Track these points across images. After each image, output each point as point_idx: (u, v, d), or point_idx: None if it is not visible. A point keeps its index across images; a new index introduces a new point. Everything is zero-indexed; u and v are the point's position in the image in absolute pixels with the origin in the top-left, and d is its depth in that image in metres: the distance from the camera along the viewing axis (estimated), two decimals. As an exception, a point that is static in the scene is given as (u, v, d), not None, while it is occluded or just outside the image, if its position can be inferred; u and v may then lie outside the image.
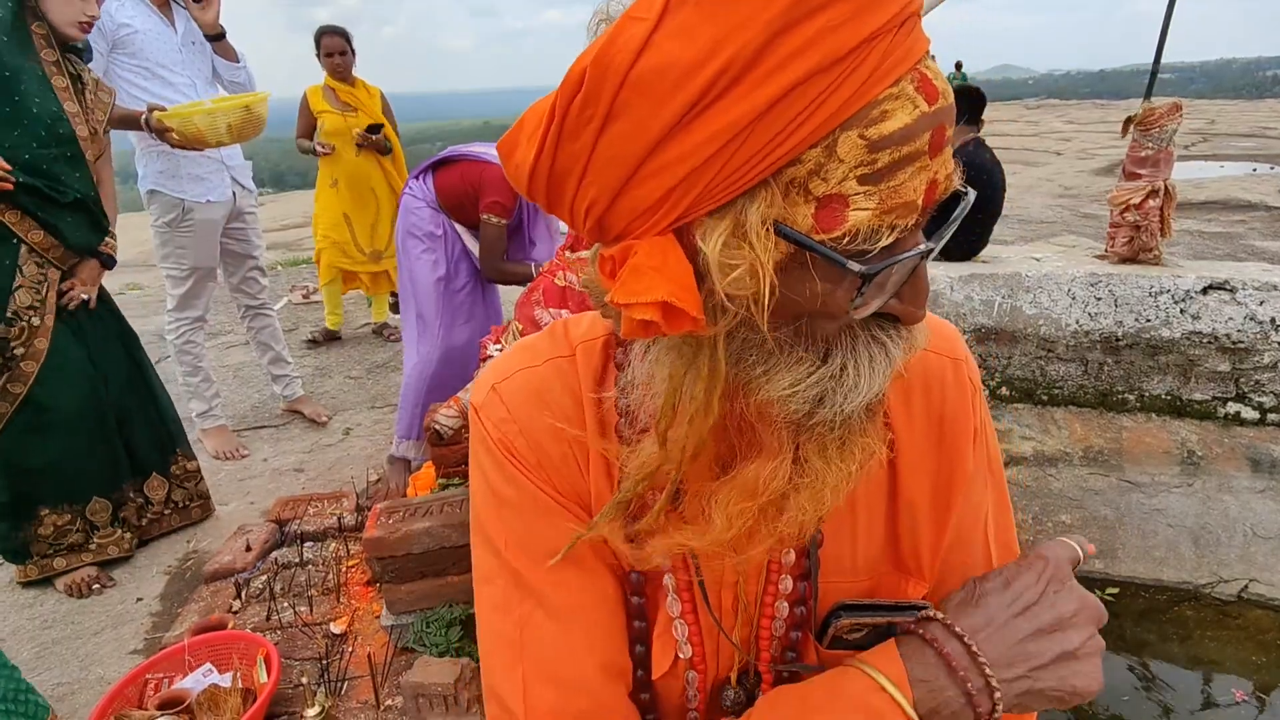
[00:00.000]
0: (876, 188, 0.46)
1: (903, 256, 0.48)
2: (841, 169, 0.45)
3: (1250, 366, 3.26)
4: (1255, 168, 10.76)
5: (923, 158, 0.47)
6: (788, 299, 0.50)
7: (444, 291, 2.91)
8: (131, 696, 1.92)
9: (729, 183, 0.46)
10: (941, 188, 0.49)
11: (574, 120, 0.47)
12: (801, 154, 0.45)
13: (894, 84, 0.45)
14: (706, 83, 0.43)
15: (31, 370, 2.28)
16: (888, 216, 0.46)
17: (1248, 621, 2.82)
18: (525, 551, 0.66)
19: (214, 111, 2.69)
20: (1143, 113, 3.33)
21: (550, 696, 0.63)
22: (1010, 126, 18.46)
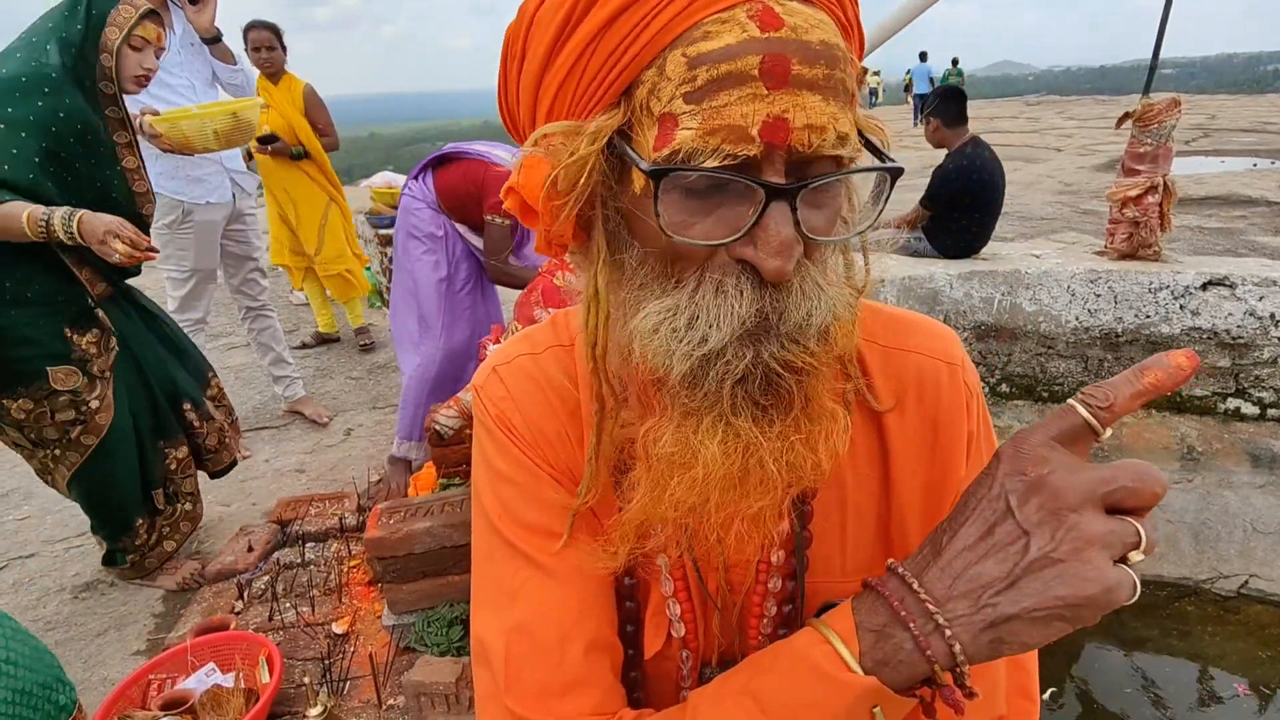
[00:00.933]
0: (699, 107, 0.48)
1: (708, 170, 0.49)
2: (669, 87, 0.49)
3: (1250, 362, 3.26)
4: (1256, 163, 10.72)
5: (752, 83, 0.47)
6: (647, 228, 0.54)
7: (445, 292, 2.91)
8: (135, 697, 1.93)
9: (588, 98, 0.53)
10: (801, 135, 0.48)
11: (510, 61, 0.59)
12: (639, 75, 0.51)
13: (724, 10, 0.49)
14: (566, 12, 0.52)
15: (105, 423, 2.29)
16: (712, 138, 0.48)
17: (1248, 617, 2.83)
18: (519, 523, 0.68)
19: (201, 117, 2.67)
20: (1141, 108, 3.33)
21: (537, 668, 0.64)
22: (1010, 123, 18.43)
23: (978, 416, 0.70)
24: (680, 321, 0.52)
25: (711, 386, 0.53)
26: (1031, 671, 0.73)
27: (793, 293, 0.52)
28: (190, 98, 3.09)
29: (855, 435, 0.68)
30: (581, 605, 0.66)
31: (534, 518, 0.68)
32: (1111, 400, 0.47)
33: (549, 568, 0.66)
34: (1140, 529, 0.45)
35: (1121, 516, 0.45)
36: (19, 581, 2.68)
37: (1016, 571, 0.46)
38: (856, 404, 0.69)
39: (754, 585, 0.69)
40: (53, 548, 2.88)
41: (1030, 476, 0.47)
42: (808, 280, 0.53)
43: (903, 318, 0.73)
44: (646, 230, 0.54)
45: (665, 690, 0.74)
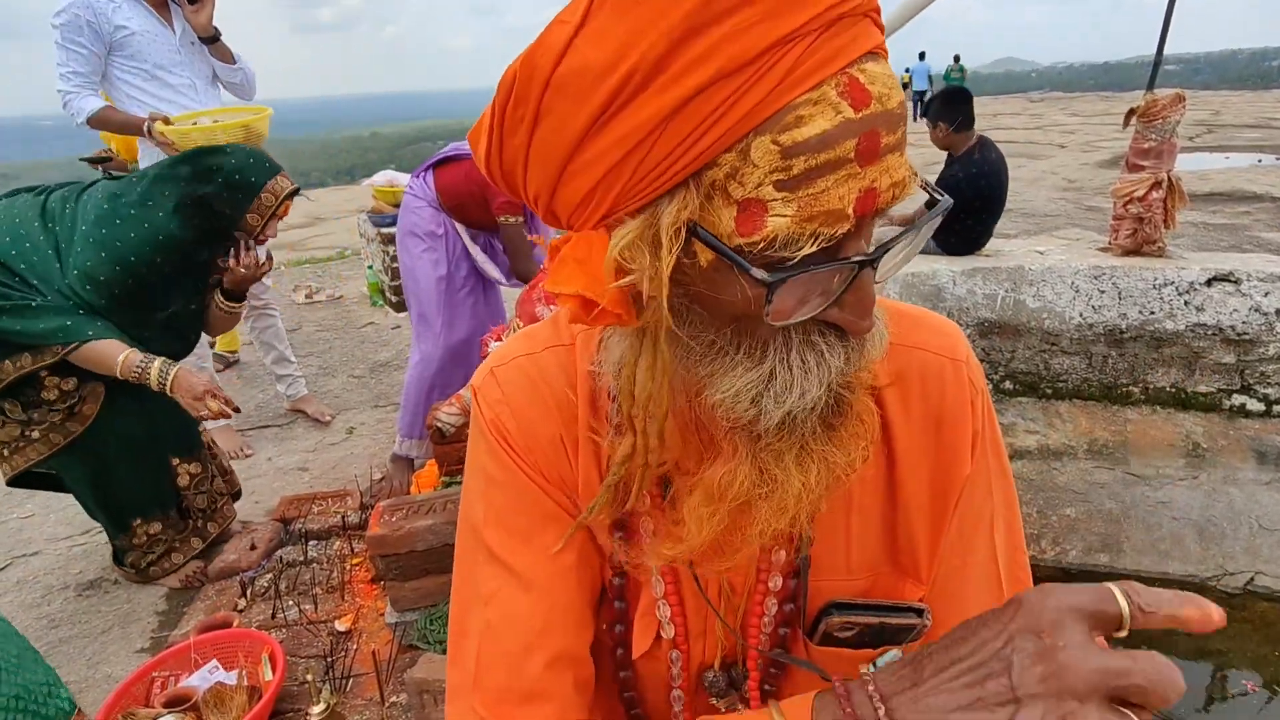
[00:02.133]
0: (794, 195, 0.45)
1: (818, 267, 0.47)
2: (757, 174, 0.45)
3: (1255, 358, 3.24)
4: (1261, 159, 10.68)
5: (849, 165, 0.45)
6: (719, 301, 0.51)
7: (445, 290, 2.91)
8: (138, 695, 1.93)
9: (646, 183, 0.47)
10: (886, 196, 0.48)
11: (510, 120, 0.50)
12: (716, 158, 0.46)
13: (813, 88, 0.44)
14: (616, 85, 0.45)
15: (90, 412, 2.30)
16: (809, 224, 0.46)
17: (1254, 614, 2.81)
18: (503, 529, 0.68)
19: (213, 131, 2.66)
20: (1145, 104, 3.31)
21: (500, 674, 0.65)
22: (1014, 120, 18.38)
23: (983, 414, 0.69)
24: (779, 385, 0.53)
25: (800, 425, 0.54)
26: None
27: (871, 338, 0.55)
28: (192, 96, 3.08)
29: None
30: (549, 618, 0.66)
31: (518, 524, 0.68)
32: (1155, 610, 0.43)
33: (525, 577, 0.66)
34: None
35: (1123, 710, 0.41)
36: (23, 579, 2.69)
37: None
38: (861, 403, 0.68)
39: (755, 584, 0.69)
40: (56, 546, 2.88)
41: (1045, 642, 0.43)
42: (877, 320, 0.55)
43: (908, 313, 0.72)
44: (716, 302, 0.52)
45: (657, 690, 0.74)
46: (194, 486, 2.60)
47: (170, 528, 2.54)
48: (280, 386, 3.92)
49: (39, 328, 2.10)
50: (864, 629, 0.66)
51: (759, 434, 0.54)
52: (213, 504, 2.68)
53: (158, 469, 2.49)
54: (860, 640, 0.67)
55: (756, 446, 0.55)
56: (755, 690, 0.71)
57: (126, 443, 2.39)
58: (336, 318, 5.59)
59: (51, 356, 2.13)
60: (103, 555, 2.76)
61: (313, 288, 6.11)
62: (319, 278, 6.60)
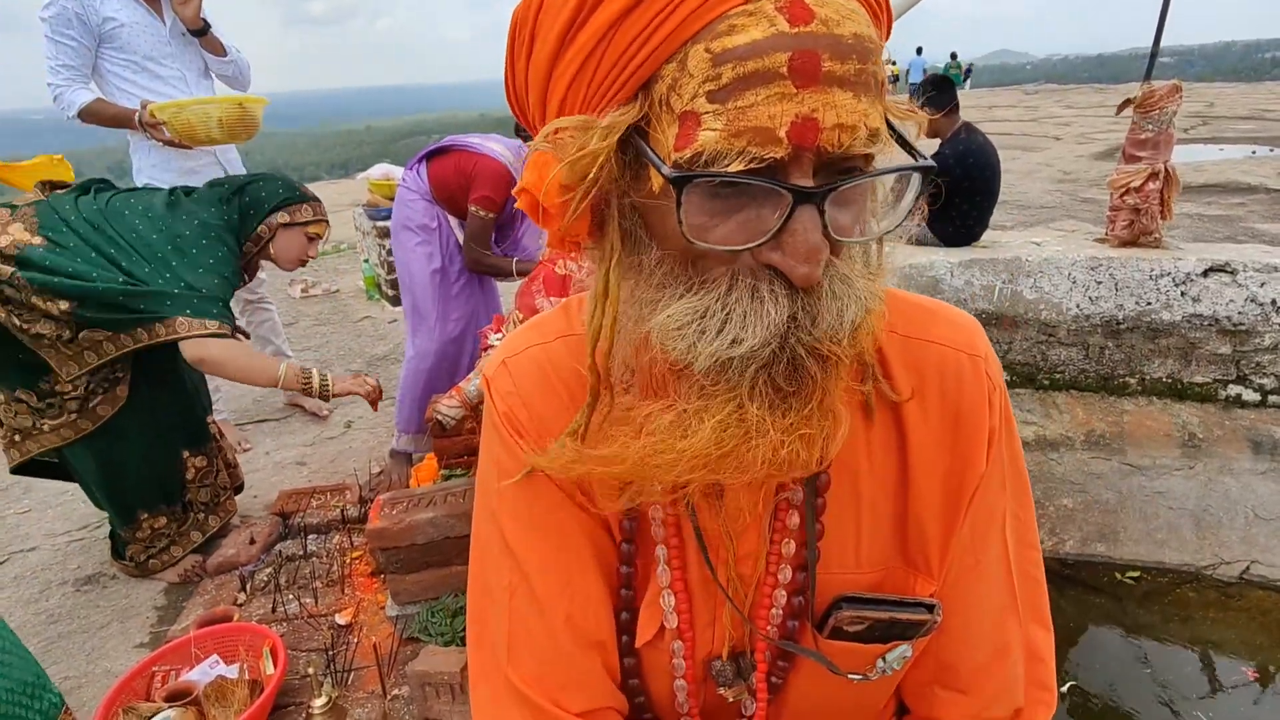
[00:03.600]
0: (724, 107, 0.46)
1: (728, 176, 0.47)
2: (692, 84, 0.47)
3: (1251, 349, 3.26)
4: (1255, 150, 10.71)
5: (780, 82, 0.45)
6: (667, 229, 0.52)
7: (439, 284, 2.90)
8: (139, 689, 1.93)
9: (603, 91, 0.51)
10: (831, 134, 0.46)
11: (517, 48, 0.56)
12: (659, 69, 0.49)
13: (752, 1, 0.46)
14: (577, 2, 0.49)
15: (105, 414, 2.32)
16: (737, 140, 0.46)
17: (1249, 603, 2.83)
18: (519, 520, 0.68)
19: (206, 104, 2.65)
20: (1142, 94, 3.32)
21: (531, 659, 0.65)
22: (1009, 112, 18.37)
23: (1000, 411, 0.68)
24: (711, 324, 0.51)
25: (735, 375, 0.51)
26: (1048, 662, 0.73)
27: (823, 296, 0.51)
28: (182, 88, 3.05)
29: (873, 426, 0.67)
30: (570, 607, 0.67)
31: (534, 515, 0.68)
32: None
33: (543, 567, 0.67)
34: None
35: None
36: (20, 575, 2.68)
37: None
38: (874, 394, 0.67)
39: (764, 576, 0.68)
40: (54, 541, 2.87)
41: None
42: (836, 280, 0.51)
43: (924, 306, 0.71)
44: (665, 229, 0.53)
45: (660, 679, 0.74)
46: (199, 480, 2.60)
47: (173, 521, 2.54)
48: (277, 381, 3.90)
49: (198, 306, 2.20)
50: (874, 624, 0.66)
51: (693, 376, 0.53)
52: (215, 498, 2.68)
53: (168, 462, 2.50)
54: (870, 635, 0.66)
55: (684, 387, 0.54)
56: (762, 682, 0.71)
57: (140, 437, 2.40)
58: (333, 312, 5.57)
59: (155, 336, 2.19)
60: (101, 550, 2.75)
61: (309, 282, 6.09)
62: (315, 272, 6.57)
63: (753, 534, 0.68)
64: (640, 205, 0.54)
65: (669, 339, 0.52)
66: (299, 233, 2.47)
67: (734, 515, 0.67)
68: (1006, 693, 0.69)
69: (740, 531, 0.67)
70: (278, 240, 2.44)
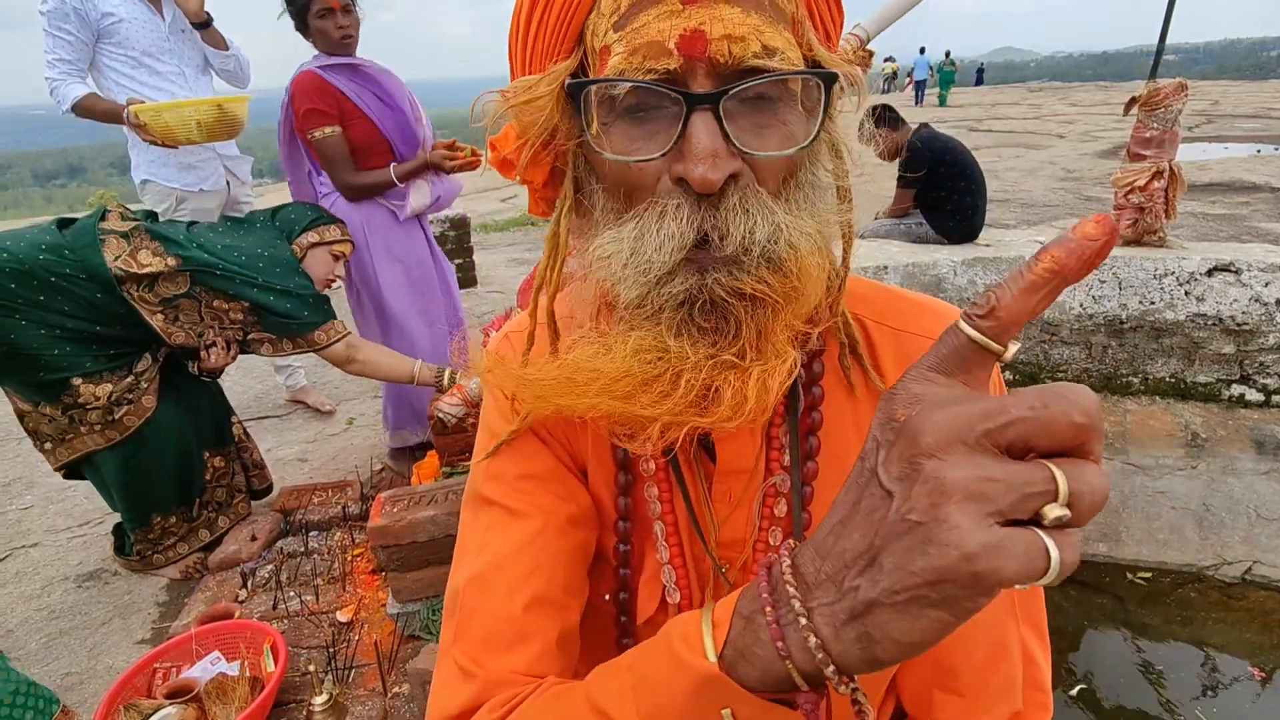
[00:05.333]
0: (624, 33, 0.51)
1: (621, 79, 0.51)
2: (604, 22, 0.53)
3: (1255, 348, 3.25)
4: (1260, 149, 10.68)
5: (668, 1, 0.50)
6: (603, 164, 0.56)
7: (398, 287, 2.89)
8: (140, 686, 1.93)
9: (547, 49, 0.57)
10: (720, 45, 0.50)
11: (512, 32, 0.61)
12: (585, 20, 0.55)
13: None
14: None
15: (132, 424, 2.35)
16: (634, 57, 0.50)
17: (1251, 603, 2.83)
18: (503, 481, 0.71)
19: (183, 108, 2.64)
20: (1147, 92, 3.30)
21: (484, 618, 0.66)
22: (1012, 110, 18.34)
23: None
24: (626, 248, 0.54)
25: (654, 307, 0.54)
26: (1044, 666, 0.73)
27: (732, 209, 0.52)
28: (180, 84, 3.03)
29: (864, 418, 0.68)
30: (538, 561, 0.67)
31: (520, 473, 0.70)
32: (995, 304, 0.35)
33: (519, 516, 0.68)
34: (1057, 475, 0.32)
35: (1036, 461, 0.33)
36: (22, 571, 2.68)
37: (876, 542, 0.36)
38: (865, 386, 0.68)
39: (750, 564, 0.69)
40: (56, 537, 2.88)
41: (899, 422, 0.37)
42: (749, 198, 0.52)
43: (915, 301, 0.72)
44: (602, 163, 0.56)
45: None
46: (215, 480, 2.63)
47: (184, 520, 2.55)
48: (279, 377, 3.91)
49: None
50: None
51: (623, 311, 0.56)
52: (229, 499, 2.69)
53: (190, 467, 2.53)
54: None
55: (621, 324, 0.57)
56: None
57: (168, 444, 2.43)
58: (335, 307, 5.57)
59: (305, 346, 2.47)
60: (102, 546, 2.75)
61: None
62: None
63: (741, 520, 0.69)
64: (585, 148, 0.58)
65: (597, 268, 0.56)
66: (326, 251, 2.56)
67: (720, 498, 0.68)
68: (1005, 695, 0.69)
69: (726, 516, 0.68)
70: (307, 260, 2.51)
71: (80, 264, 2.16)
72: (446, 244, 5.52)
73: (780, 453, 0.67)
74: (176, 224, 2.39)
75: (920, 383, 0.37)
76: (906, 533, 0.34)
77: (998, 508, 0.32)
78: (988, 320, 0.35)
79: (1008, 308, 0.35)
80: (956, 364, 0.37)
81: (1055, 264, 0.34)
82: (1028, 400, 0.33)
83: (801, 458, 0.66)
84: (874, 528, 0.36)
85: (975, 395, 0.36)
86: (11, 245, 2.15)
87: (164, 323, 2.28)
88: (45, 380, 2.21)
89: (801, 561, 0.41)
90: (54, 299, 2.16)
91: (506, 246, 7.52)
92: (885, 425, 0.38)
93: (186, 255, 2.25)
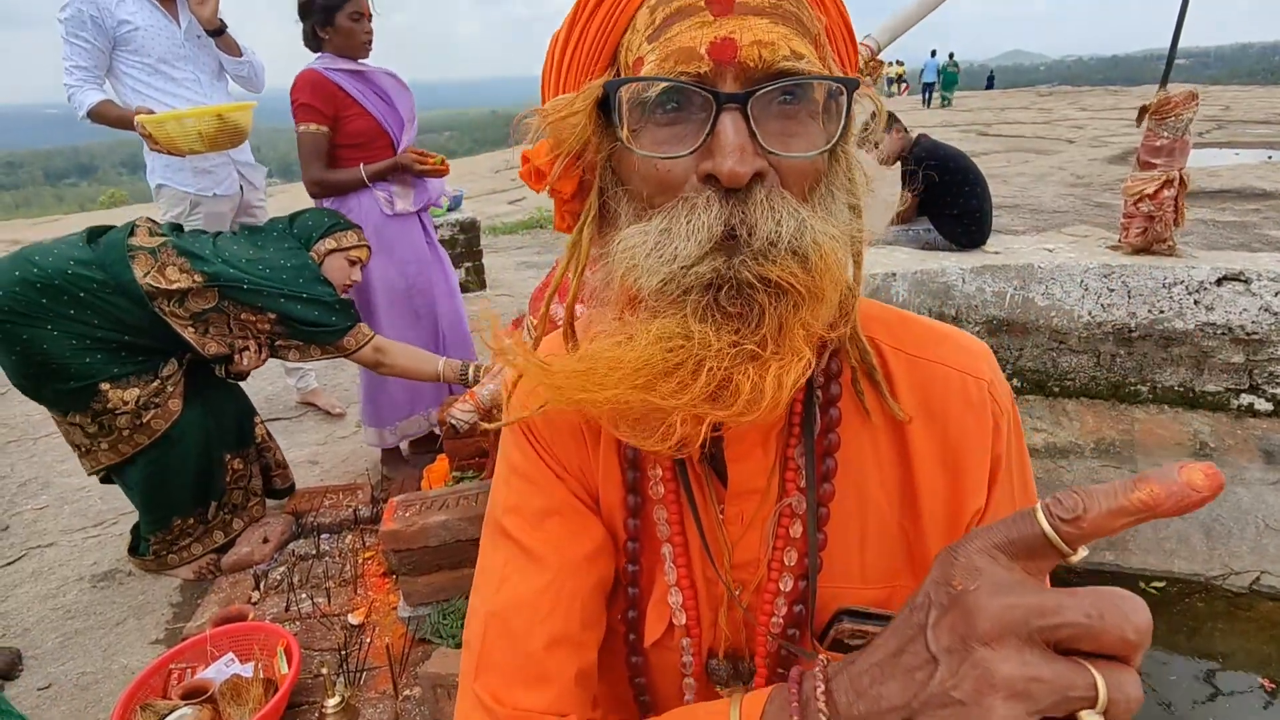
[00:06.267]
0: (657, 43, 0.54)
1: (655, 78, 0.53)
2: (638, 37, 0.56)
3: (1264, 358, 3.25)
4: (1271, 155, 10.60)
5: (700, 13, 0.53)
6: (630, 167, 0.58)
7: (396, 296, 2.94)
8: (156, 686, 1.95)
9: (585, 68, 0.60)
10: (750, 51, 0.52)
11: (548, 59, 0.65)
12: (621, 39, 0.58)
13: None
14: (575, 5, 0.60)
15: (160, 428, 2.40)
16: (666, 63, 0.53)
17: (1259, 614, 2.83)
18: (521, 515, 0.72)
19: (185, 118, 2.66)
20: (1158, 101, 3.30)
21: (504, 654, 0.67)
22: (1022, 114, 18.28)
23: (1008, 438, 0.68)
24: (652, 240, 0.55)
25: (678, 292, 0.54)
26: None
27: (759, 205, 0.53)
28: (195, 90, 3.06)
29: (879, 442, 0.69)
30: (556, 602, 0.68)
31: (536, 510, 0.71)
32: (1081, 513, 0.35)
33: (536, 558, 0.69)
34: (1099, 681, 0.34)
35: (1076, 660, 0.35)
36: (38, 571, 2.71)
37: (915, 704, 0.38)
38: (880, 411, 0.69)
39: (765, 583, 0.70)
40: (71, 537, 2.91)
41: (955, 590, 0.38)
42: (775, 196, 0.54)
43: (934, 329, 0.72)
44: (631, 167, 0.58)
45: (668, 679, 0.75)
46: (234, 482, 2.67)
47: (200, 522, 2.59)
48: (290, 379, 3.94)
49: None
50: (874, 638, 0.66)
51: (647, 299, 0.57)
52: (245, 500, 2.73)
53: (211, 469, 2.57)
54: None
55: (645, 311, 0.57)
56: (762, 685, 0.72)
57: (192, 447, 2.47)
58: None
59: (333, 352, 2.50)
60: (116, 546, 2.78)
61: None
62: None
63: (754, 541, 0.69)
64: (614, 154, 0.61)
65: (620, 261, 0.57)
66: (343, 257, 2.59)
67: (732, 520, 0.69)
68: None
69: (739, 537, 0.69)
70: (325, 266, 2.55)
71: (111, 279, 2.22)
72: (456, 247, 5.55)
73: (796, 474, 0.68)
74: (202, 238, 2.43)
75: (983, 557, 0.38)
76: (946, 707, 0.37)
77: (1038, 707, 0.35)
78: (1069, 526, 0.36)
79: (1093, 521, 0.35)
80: (1023, 550, 0.38)
81: (1152, 499, 0.34)
82: (1083, 606, 0.35)
83: (818, 479, 0.66)
84: (914, 689, 0.39)
85: (1033, 585, 0.37)
86: (41, 260, 2.19)
87: (196, 335, 2.33)
88: (74, 389, 2.25)
89: (835, 688, 0.43)
90: (84, 312, 2.21)
91: (515, 249, 7.54)
92: (941, 587, 0.39)
93: (213, 271, 2.29)
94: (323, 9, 2.67)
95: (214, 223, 3.24)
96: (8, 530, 2.98)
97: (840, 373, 0.68)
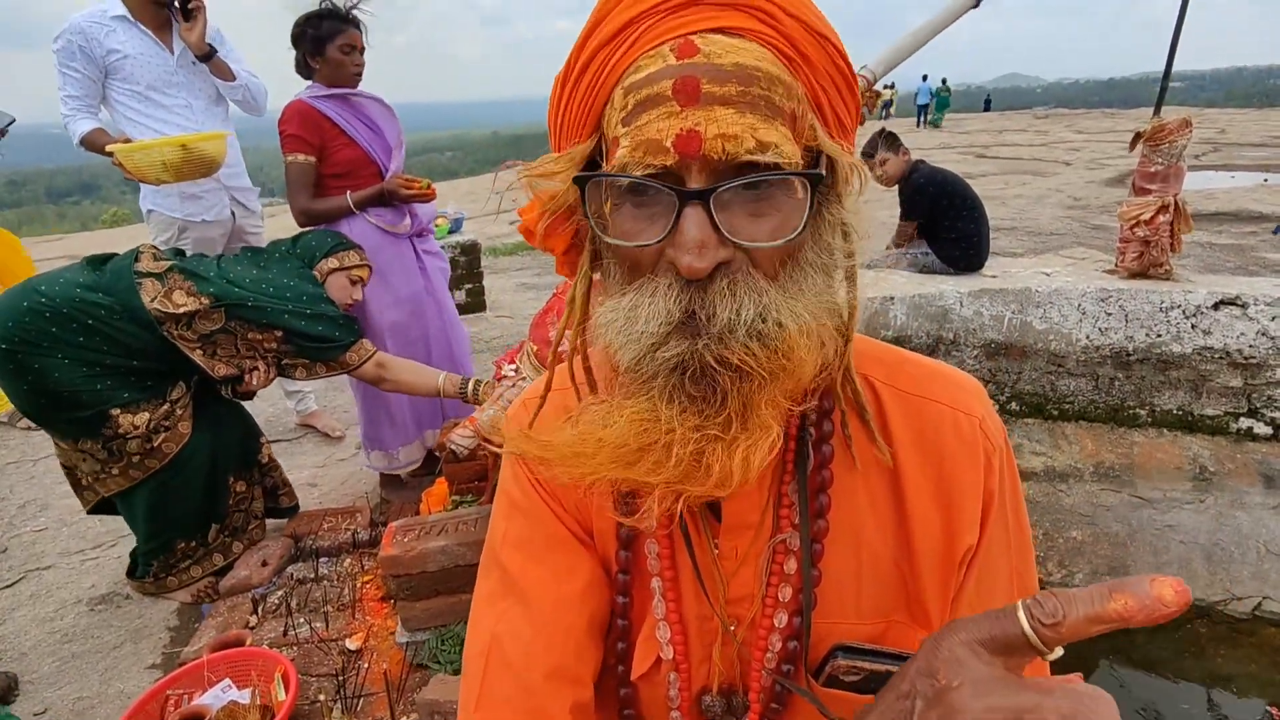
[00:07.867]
0: (630, 128, 0.55)
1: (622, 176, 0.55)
2: (615, 116, 0.57)
3: (1262, 382, 3.25)
4: (1267, 178, 10.69)
5: (667, 103, 0.54)
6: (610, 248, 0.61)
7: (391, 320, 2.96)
8: (153, 712, 1.95)
9: (572, 131, 0.62)
10: (714, 144, 0.53)
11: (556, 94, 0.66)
12: (603, 110, 0.59)
13: (654, 48, 0.55)
14: (566, 66, 0.61)
15: (170, 450, 2.41)
16: (636, 153, 0.54)
17: (1261, 639, 2.81)
18: (519, 551, 0.74)
19: (150, 149, 2.64)
20: (1152, 128, 3.34)
21: (503, 687, 0.69)
22: (1020, 136, 18.43)
23: (1000, 474, 0.69)
24: (621, 317, 0.57)
25: (649, 372, 0.57)
26: None
27: (720, 292, 0.55)
28: (188, 117, 3.05)
29: (873, 479, 0.70)
30: (552, 638, 0.70)
31: (533, 546, 0.73)
32: (1060, 619, 0.39)
33: (533, 596, 0.71)
34: None
35: None
36: (36, 593, 2.71)
37: None
38: (874, 447, 0.69)
39: (760, 619, 0.70)
40: (69, 560, 2.91)
41: (939, 684, 0.41)
42: (739, 282, 0.55)
43: (929, 368, 0.73)
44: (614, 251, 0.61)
45: (656, 710, 0.76)
46: (235, 505, 2.67)
47: (200, 544, 2.59)
48: (289, 401, 3.94)
49: None
50: (870, 675, 0.65)
51: (623, 375, 0.59)
52: (246, 523, 2.73)
53: (216, 494, 2.57)
54: (867, 686, 0.66)
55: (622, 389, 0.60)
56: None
57: (198, 470, 2.48)
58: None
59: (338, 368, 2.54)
60: (114, 569, 2.78)
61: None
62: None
63: (749, 576, 0.70)
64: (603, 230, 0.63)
65: (599, 333, 0.60)
66: (344, 276, 2.63)
67: (726, 555, 0.70)
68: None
69: (733, 572, 0.70)
70: (326, 285, 2.58)
71: (119, 305, 2.24)
72: (457, 269, 5.57)
73: (790, 510, 0.68)
74: (206, 261, 2.45)
75: (966, 650, 0.41)
76: None
77: None
78: (1048, 629, 0.39)
79: (1070, 626, 0.38)
80: (1004, 647, 0.40)
81: (1125, 611, 0.37)
82: (1060, 707, 0.37)
83: (812, 515, 0.67)
84: None
85: (1013, 684, 0.39)
86: (48, 289, 2.21)
87: (205, 358, 2.36)
88: (86, 416, 2.26)
89: None
90: (93, 339, 2.22)
91: (516, 271, 7.58)
92: (925, 679, 0.42)
93: (218, 292, 2.31)
94: (313, 39, 2.71)
95: (203, 248, 3.18)
96: (6, 552, 2.98)
97: (833, 410, 0.69)
